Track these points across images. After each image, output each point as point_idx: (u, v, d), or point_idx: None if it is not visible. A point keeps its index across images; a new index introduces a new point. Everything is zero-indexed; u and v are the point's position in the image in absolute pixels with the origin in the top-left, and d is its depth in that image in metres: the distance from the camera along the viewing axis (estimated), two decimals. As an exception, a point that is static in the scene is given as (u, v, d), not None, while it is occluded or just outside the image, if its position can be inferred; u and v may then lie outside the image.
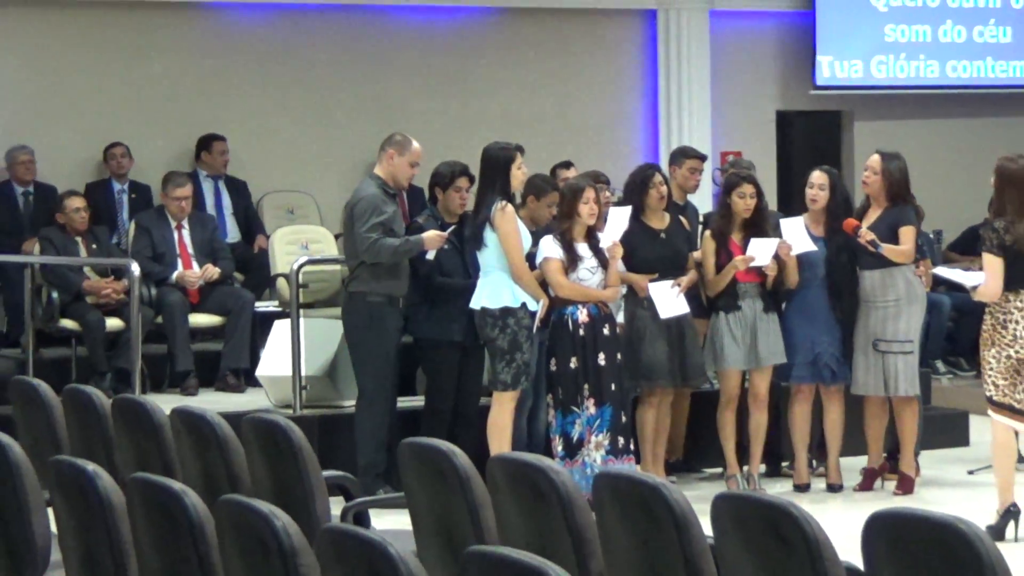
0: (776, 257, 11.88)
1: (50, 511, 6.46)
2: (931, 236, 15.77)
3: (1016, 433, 10.49)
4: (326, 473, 7.23)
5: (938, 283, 13.94)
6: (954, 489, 12.16)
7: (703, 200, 14.05)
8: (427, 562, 6.49)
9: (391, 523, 7.29)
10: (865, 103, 18.14)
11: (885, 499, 11.80)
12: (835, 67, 17.83)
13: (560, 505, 5.81)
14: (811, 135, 17.93)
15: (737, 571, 5.23)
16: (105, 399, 8.41)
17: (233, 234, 15.20)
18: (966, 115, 18.40)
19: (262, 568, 4.92)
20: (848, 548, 5.03)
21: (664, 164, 14.92)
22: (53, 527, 6.40)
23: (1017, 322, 10.30)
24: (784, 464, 12.60)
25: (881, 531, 4.87)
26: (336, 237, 14.07)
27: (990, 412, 10.51)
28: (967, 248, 16.29)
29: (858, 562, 4.99)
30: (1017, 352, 10.29)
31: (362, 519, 7.22)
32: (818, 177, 12.24)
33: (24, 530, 6.56)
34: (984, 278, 10.39)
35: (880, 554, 4.86)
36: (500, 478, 6.11)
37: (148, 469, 7.74)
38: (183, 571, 5.38)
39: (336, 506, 7.29)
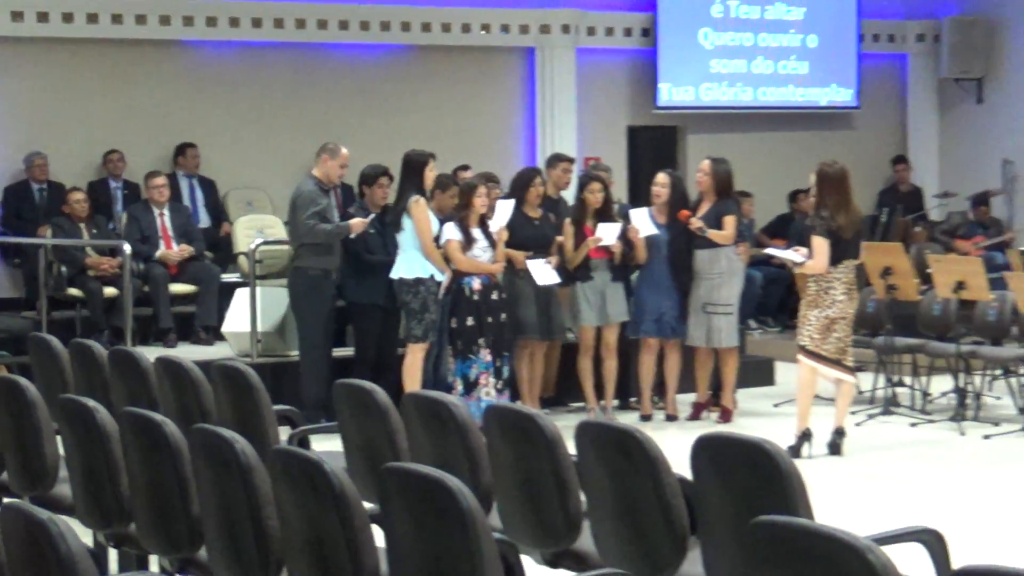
0: (625, 239, 11.93)
1: (59, 438, 6.45)
2: (747, 223, 15.90)
3: (815, 374, 10.57)
4: (276, 407, 7.22)
5: (755, 261, 14.03)
6: (763, 418, 12.21)
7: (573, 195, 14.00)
8: (354, 476, 6.50)
9: (328, 446, 7.28)
10: (696, 120, 18.14)
11: (710, 427, 11.81)
12: (672, 92, 17.83)
13: (458, 431, 5.84)
14: (654, 145, 17.90)
15: (595, 481, 5.28)
16: (103, 351, 8.36)
17: (204, 221, 15.09)
18: (772, 129, 18.48)
19: (226, 481, 4.94)
20: (681, 464, 5.06)
21: (541, 166, 14.98)
22: (61, 450, 6.38)
23: (836, 288, 10.36)
24: (632, 399, 12.60)
25: (705, 450, 4.94)
26: (285, 224, 14.01)
27: (800, 357, 10.53)
28: (775, 232, 16.43)
29: (688, 475, 5.04)
30: (833, 313, 10.37)
31: (304, 443, 7.21)
32: (661, 178, 12.27)
33: (38, 452, 6.55)
34: (814, 255, 10.41)
35: (704, 468, 4.92)
36: (412, 410, 6.14)
37: (137, 404, 7.72)
38: (164, 484, 5.38)
39: (284, 433, 7.29)
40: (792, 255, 11.01)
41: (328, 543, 4.46)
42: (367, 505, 4.72)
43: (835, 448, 10.61)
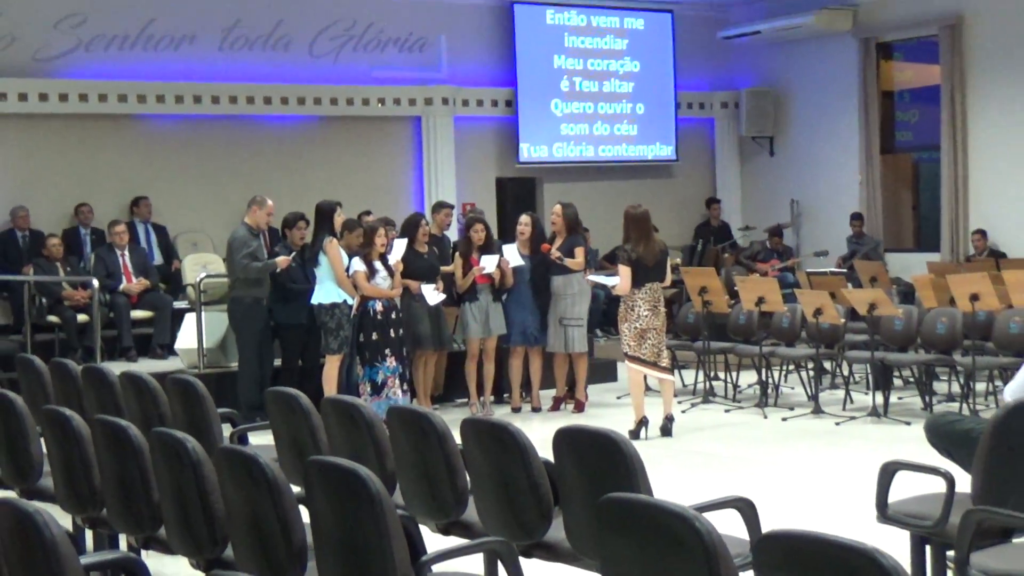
0: (499, 268, 11.95)
1: (42, 440, 6.33)
2: (594, 251, 15.98)
3: (643, 374, 10.62)
4: (220, 410, 7.14)
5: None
6: (609, 408, 12.23)
7: (453, 233, 13.98)
8: (284, 467, 6.44)
9: (262, 441, 7.19)
10: (550, 172, 18.17)
11: (566, 417, 11.87)
12: (531, 150, 17.85)
13: (367, 428, 5.80)
14: (517, 192, 17.87)
15: (477, 465, 5.25)
16: (77, 367, 8.22)
17: (158, 259, 14.85)
18: (610, 179, 18.52)
19: (179, 473, 4.86)
20: (545, 448, 5.05)
21: (427, 211, 14.92)
22: (44, 450, 6.26)
23: (641, 306, 10.41)
24: (505, 395, 12.60)
25: (564, 439, 4.93)
26: (224, 260, 13.86)
27: (626, 362, 10.61)
28: (612, 259, 16.45)
29: (551, 458, 5.03)
30: (640, 325, 10.42)
31: (243, 439, 7.12)
32: (524, 219, 12.30)
33: (26, 452, 6.43)
34: (620, 279, 10.51)
35: (564, 453, 4.91)
36: (330, 411, 6.09)
37: (106, 412, 7.59)
38: (129, 477, 5.29)
39: (228, 430, 7.21)
40: (606, 279, 11.13)
41: (264, 522, 4.40)
42: (295, 489, 4.67)
43: (666, 431, 10.65)
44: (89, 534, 6.22)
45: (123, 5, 15.19)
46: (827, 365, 12.79)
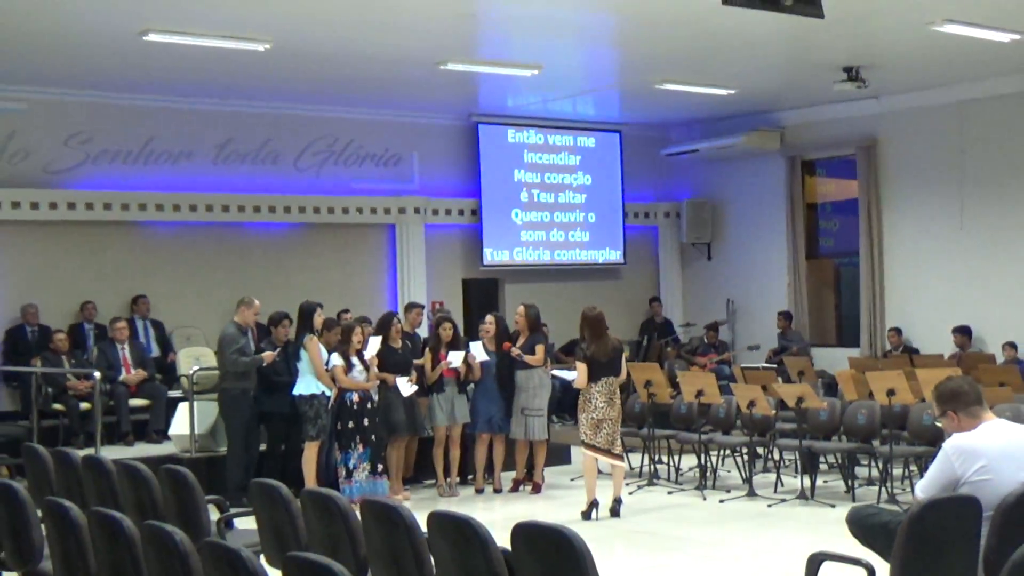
0: (466, 363, 11.90)
1: (43, 526, 6.20)
2: (551, 344, 15.96)
3: (596, 459, 10.55)
4: (208, 497, 7.02)
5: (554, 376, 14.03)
6: (563, 490, 12.14)
7: (424, 331, 13.93)
8: (266, 550, 6.35)
9: (248, 523, 7.03)
10: (511, 274, 18.18)
11: (525, 497, 11.84)
12: (494, 254, 17.86)
13: (341, 517, 5.70)
14: (482, 292, 17.89)
15: (441, 553, 5.15)
16: (78, 458, 8.05)
17: (155, 351, 14.76)
18: (564, 280, 18.57)
19: (169, 564, 4.76)
20: (506, 529, 4.87)
21: (400, 310, 14.86)
22: (45, 535, 6.14)
23: (597, 398, 10.40)
24: (470, 476, 12.49)
25: (522, 532, 4.82)
26: (215, 353, 13.77)
27: (583, 448, 10.53)
28: (568, 351, 16.43)
29: (508, 544, 4.94)
30: (596, 416, 10.38)
31: (229, 524, 7.02)
32: (489, 318, 12.27)
33: (28, 537, 6.29)
34: (577, 375, 10.51)
35: (520, 546, 4.81)
36: (307, 502, 5.97)
37: (103, 498, 7.48)
38: (122, 565, 5.18)
39: (214, 515, 7.09)
40: (567, 374, 11.09)
41: (245, 611, 4.31)
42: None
43: (615, 512, 10.54)
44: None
45: (126, 125, 15.20)
46: (760, 451, 12.74)
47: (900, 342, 16.26)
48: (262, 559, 6.47)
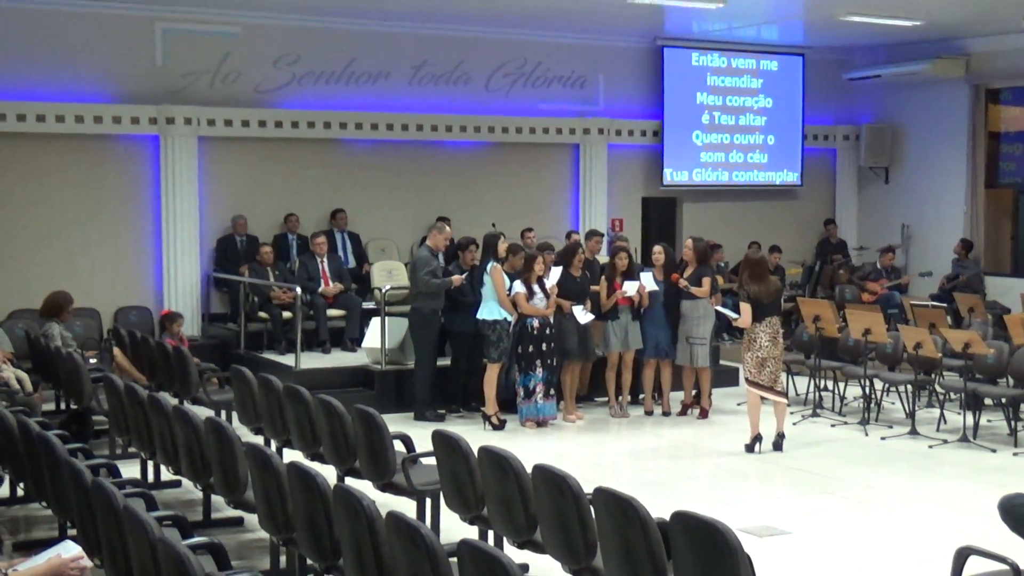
0: (638, 292, 11.97)
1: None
2: (723, 265, 15.90)
3: (761, 397, 10.53)
4: (393, 431, 7.20)
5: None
6: (729, 416, 12.15)
7: (604, 255, 13.99)
8: (446, 496, 6.61)
9: (430, 460, 7.22)
10: (690, 194, 18.03)
11: (692, 422, 11.96)
12: (673, 175, 17.74)
13: (515, 476, 5.90)
14: (660, 211, 17.83)
15: (605, 525, 5.26)
16: (280, 385, 8.38)
17: (351, 263, 15.16)
18: (743, 200, 18.39)
19: (356, 526, 4.98)
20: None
21: (582, 230, 15.02)
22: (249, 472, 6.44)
23: (762, 337, 10.35)
24: (641, 396, 12.57)
25: (678, 522, 4.76)
26: (405, 265, 14.15)
27: (747, 385, 10.56)
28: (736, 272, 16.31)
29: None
30: (761, 354, 10.34)
31: (415, 460, 7.24)
32: (658, 249, 12.21)
33: (234, 472, 6.63)
34: (741, 314, 10.48)
35: (677, 535, 4.87)
36: (484, 458, 6.15)
37: (302, 429, 7.85)
38: (316, 517, 5.44)
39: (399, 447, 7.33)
40: (730, 313, 11.03)
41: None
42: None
43: (777, 446, 10.57)
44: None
45: (329, 46, 15.50)
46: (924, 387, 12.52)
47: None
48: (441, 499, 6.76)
